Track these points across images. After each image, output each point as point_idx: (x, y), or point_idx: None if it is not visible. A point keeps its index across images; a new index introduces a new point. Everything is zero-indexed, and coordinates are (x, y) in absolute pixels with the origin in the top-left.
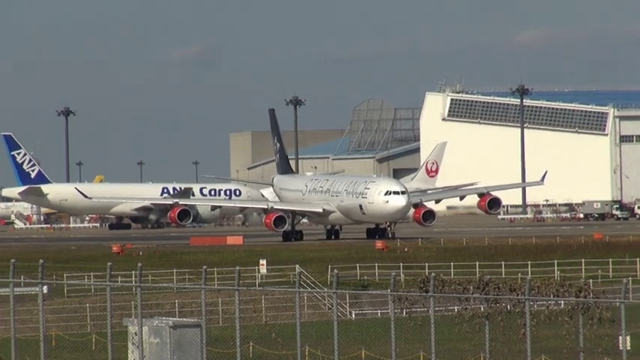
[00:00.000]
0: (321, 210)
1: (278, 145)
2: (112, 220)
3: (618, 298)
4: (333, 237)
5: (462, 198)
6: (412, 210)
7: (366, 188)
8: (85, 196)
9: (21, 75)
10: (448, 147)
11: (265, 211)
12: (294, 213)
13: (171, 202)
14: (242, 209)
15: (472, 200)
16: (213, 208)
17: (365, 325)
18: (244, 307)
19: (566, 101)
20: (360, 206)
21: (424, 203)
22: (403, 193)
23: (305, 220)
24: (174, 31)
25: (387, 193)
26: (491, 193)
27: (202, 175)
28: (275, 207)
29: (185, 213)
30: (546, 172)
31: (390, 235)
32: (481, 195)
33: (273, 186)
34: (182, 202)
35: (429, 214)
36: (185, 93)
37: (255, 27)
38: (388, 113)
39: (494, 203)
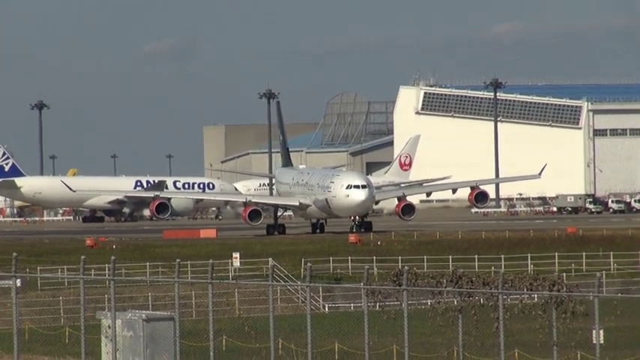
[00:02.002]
0: (297, 204)
1: (281, 137)
2: (86, 214)
3: (592, 292)
4: (318, 230)
5: (454, 191)
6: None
7: (331, 182)
8: (71, 189)
9: None
10: (421, 140)
11: (245, 204)
12: (275, 207)
13: (152, 195)
14: (226, 203)
15: (445, 194)
16: (198, 201)
17: (338, 318)
18: (217, 301)
19: (540, 95)
20: (327, 200)
21: (407, 196)
22: (364, 187)
23: (289, 213)
24: (148, 25)
25: (349, 187)
26: (479, 186)
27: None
28: (252, 200)
29: (164, 206)
30: (545, 165)
31: (354, 230)
32: (472, 188)
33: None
34: (163, 195)
35: (409, 208)
36: (158, 86)
37: (229, 20)
38: (361, 107)
39: (482, 196)
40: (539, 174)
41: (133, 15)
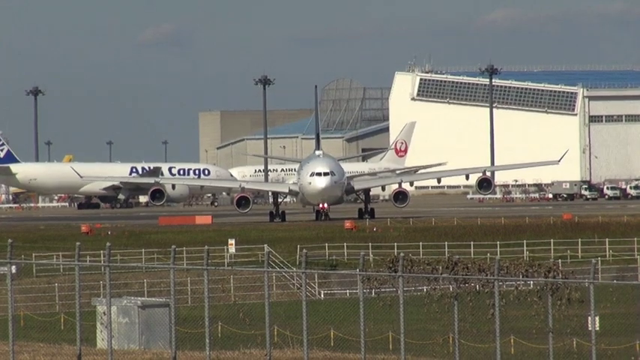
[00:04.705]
0: (287, 190)
1: (315, 123)
2: (81, 200)
3: (587, 279)
4: (323, 217)
5: (467, 177)
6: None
7: (301, 169)
8: (80, 176)
9: None
10: (417, 127)
11: (244, 190)
12: (275, 194)
13: (151, 181)
14: (228, 191)
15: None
16: (201, 187)
17: (334, 305)
18: (213, 287)
19: (535, 81)
20: (299, 187)
21: (414, 182)
22: (326, 174)
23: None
24: (145, 11)
25: (312, 174)
26: (486, 173)
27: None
28: (246, 187)
29: (160, 193)
30: (567, 151)
31: (323, 217)
32: (483, 173)
33: None
34: (163, 181)
35: (401, 195)
36: (154, 72)
37: (225, 6)
38: (357, 93)
39: (486, 183)
40: (559, 161)
41: (129, 1)
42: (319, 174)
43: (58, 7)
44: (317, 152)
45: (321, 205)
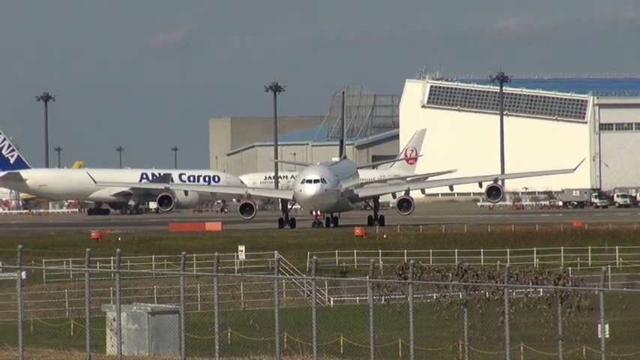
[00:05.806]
0: (291, 197)
1: (340, 128)
2: (91, 206)
3: (597, 286)
4: (332, 224)
5: (480, 185)
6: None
7: (297, 176)
8: (95, 181)
9: (0, 60)
10: (427, 134)
11: (249, 197)
12: (285, 201)
13: (162, 187)
14: (238, 197)
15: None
16: (212, 194)
17: (343, 311)
18: (223, 294)
19: (545, 89)
20: (294, 194)
21: (425, 189)
22: (317, 181)
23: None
24: (155, 17)
25: (303, 181)
26: (497, 180)
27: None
28: (252, 193)
29: (168, 199)
30: (584, 159)
31: (317, 225)
32: (494, 181)
33: None
34: (173, 187)
35: (405, 203)
36: (165, 78)
37: (235, 12)
38: (367, 100)
39: (495, 191)
40: (574, 169)
41: (140, 7)
42: (309, 181)
43: (68, 12)
44: (334, 159)
45: (314, 213)
